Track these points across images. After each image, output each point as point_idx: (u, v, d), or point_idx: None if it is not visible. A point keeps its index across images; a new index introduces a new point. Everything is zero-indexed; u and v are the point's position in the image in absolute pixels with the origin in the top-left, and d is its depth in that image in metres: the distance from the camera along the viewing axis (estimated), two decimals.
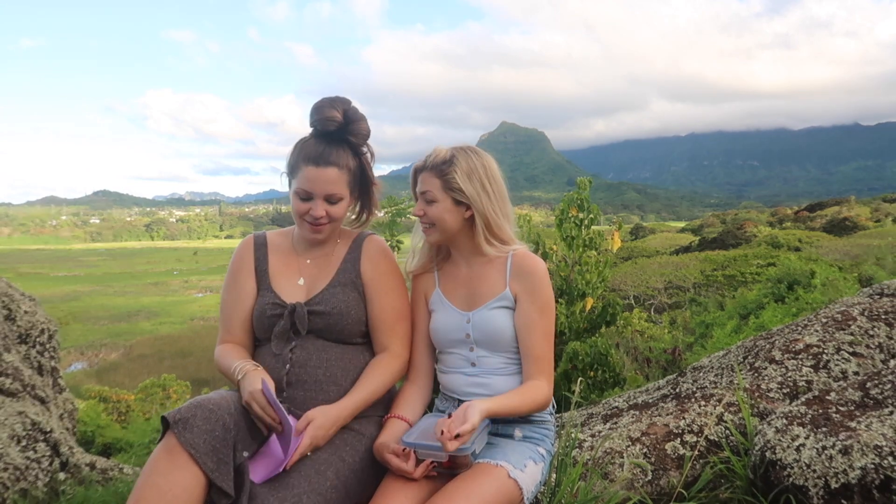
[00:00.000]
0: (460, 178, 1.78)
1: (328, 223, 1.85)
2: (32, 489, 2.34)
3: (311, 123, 1.84)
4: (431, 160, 1.81)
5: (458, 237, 1.88)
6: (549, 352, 1.81)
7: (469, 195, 1.79)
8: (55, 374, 3.47)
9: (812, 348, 2.64)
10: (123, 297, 54.32)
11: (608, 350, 6.24)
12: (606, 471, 2.21)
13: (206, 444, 1.52)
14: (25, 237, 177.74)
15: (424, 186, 1.82)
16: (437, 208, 1.81)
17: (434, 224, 1.83)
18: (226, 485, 1.52)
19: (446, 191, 1.80)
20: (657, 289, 23.64)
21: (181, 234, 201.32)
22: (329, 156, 1.80)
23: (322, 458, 1.66)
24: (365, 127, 1.86)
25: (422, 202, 1.84)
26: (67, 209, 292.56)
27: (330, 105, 1.81)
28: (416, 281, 2.00)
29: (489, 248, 1.85)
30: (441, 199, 1.80)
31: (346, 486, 1.65)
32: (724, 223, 53.62)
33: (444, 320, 1.89)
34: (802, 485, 1.81)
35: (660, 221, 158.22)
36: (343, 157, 1.83)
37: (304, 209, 1.83)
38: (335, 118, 1.80)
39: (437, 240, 1.87)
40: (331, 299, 1.85)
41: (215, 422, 1.55)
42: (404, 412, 1.83)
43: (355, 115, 1.84)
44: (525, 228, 7.49)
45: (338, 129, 1.82)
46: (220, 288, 2.02)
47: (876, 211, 48.03)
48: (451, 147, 1.84)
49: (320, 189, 1.80)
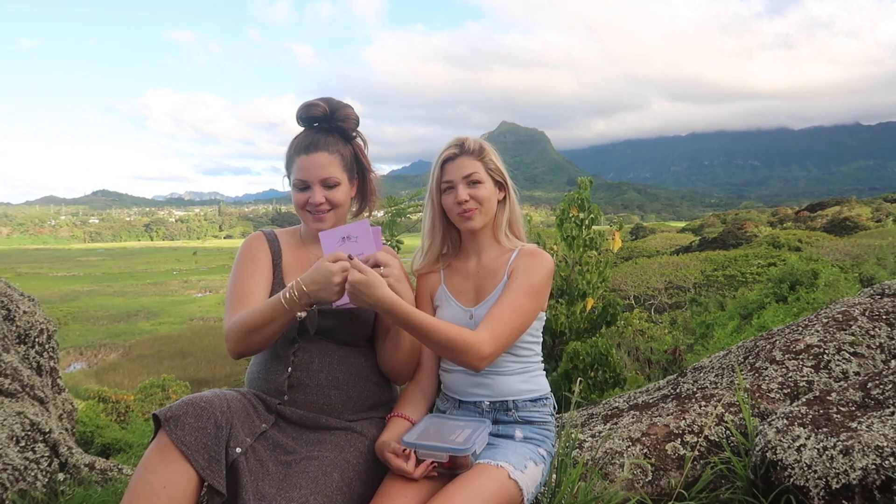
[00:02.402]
0: (496, 160, 1.91)
1: (330, 210, 1.86)
2: (31, 490, 2.34)
3: (297, 118, 1.89)
4: (468, 145, 1.89)
5: (490, 222, 1.93)
6: (507, 319, 1.75)
7: (505, 175, 1.92)
8: (54, 374, 3.46)
9: (813, 348, 2.64)
10: (123, 298, 54.32)
11: (608, 350, 6.23)
12: (607, 471, 2.20)
13: (197, 441, 1.52)
14: (24, 237, 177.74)
15: (469, 169, 1.86)
16: (484, 189, 1.87)
17: (481, 206, 1.87)
18: (217, 483, 1.52)
19: (488, 172, 1.89)
20: (657, 289, 23.63)
21: (180, 234, 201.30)
22: (318, 142, 1.84)
23: (328, 459, 1.66)
24: (352, 112, 1.90)
25: (464, 187, 1.86)
26: (66, 209, 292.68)
27: (311, 101, 1.88)
28: (422, 280, 2.01)
29: (505, 240, 1.93)
30: (486, 179, 1.88)
31: (351, 488, 1.65)
32: (724, 223, 53.62)
33: (447, 316, 1.89)
34: (803, 485, 1.80)
35: (660, 221, 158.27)
36: (333, 143, 1.87)
37: (304, 199, 1.85)
38: (319, 106, 1.86)
39: (482, 223, 1.90)
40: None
41: (206, 419, 1.55)
42: (407, 411, 1.84)
43: (339, 104, 1.89)
44: (525, 228, 7.47)
45: (324, 115, 1.87)
46: (220, 288, 2.00)
47: (877, 211, 48.06)
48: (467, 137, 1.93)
49: (314, 175, 1.83)
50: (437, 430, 1.75)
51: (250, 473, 1.58)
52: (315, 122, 1.89)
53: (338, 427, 1.79)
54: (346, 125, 1.90)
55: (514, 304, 1.78)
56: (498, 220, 1.93)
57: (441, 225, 1.95)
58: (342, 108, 1.88)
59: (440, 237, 1.96)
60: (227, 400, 1.65)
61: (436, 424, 1.79)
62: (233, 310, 1.81)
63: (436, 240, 1.97)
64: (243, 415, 1.67)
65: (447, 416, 1.87)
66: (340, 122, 1.89)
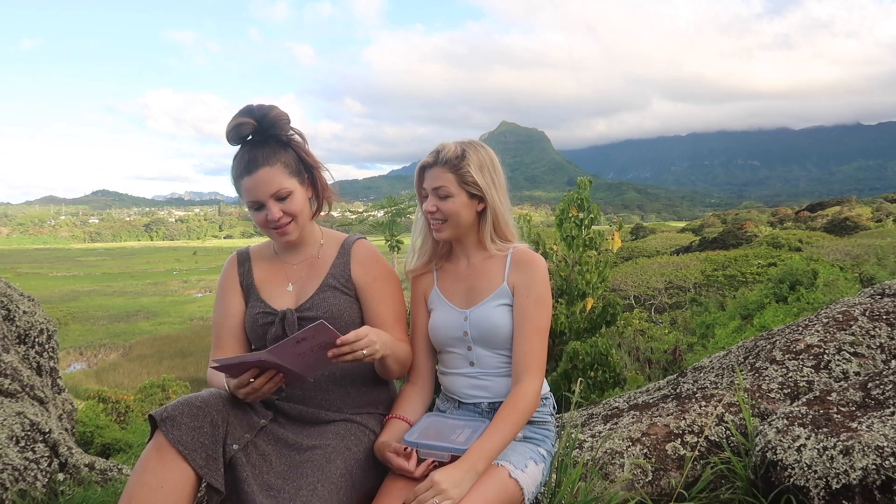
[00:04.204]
0: (474, 171, 1.80)
1: (290, 222, 1.82)
2: (31, 490, 2.34)
3: (228, 139, 1.80)
4: (444, 155, 1.80)
5: (467, 232, 1.88)
6: (538, 346, 1.78)
7: (483, 188, 1.81)
8: (54, 374, 3.46)
9: (813, 349, 2.64)
10: (122, 298, 54.30)
11: (608, 350, 6.24)
12: (607, 471, 2.20)
13: (194, 440, 1.53)
14: (24, 237, 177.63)
15: (438, 182, 1.80)
16: (452, 203, 1.80)
17: (447, 220, 1.83)
18: (216, 481, 1.53)
19: (461, 185, 1.80)
20: (657, 289, 23.63)
21: (180, 234, 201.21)
22: (256, 159, 1.76)
23: (330, 447, 1.68)
24: (279, 112, 1.80)
25: (434, 198, 1.82)
26: (66, 209, 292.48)
27: (236, 117, 1.78)
28: (416, 282, 2.00)
29: (492, 246, 1.86)
30: (456, 193, 1.80)
31: (353, 474, 1.66)
32: (724, 223, 53.60)
33: (442, 319, 1.89)
34: (803, 485, 1.80)
35: (660, 221, 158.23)
36: (270, 154, 1.78)
37: (262, 218, 1.80)
38: (246, 123, 1.77)
39: (449, 236, 1.86)
40: (321, 304, 1.85)
41: (203, 418, 1.56)
42: (405, 412, 1.84)
43: (263, 109, 1.79)
44: (525, 228, 7.49)
45: (253, 130, 1.79)
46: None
47: (877, 211, 48.05)
48: (457, 142, 1.84)
49: (263, 193, 1.76)
50: (438, 429, 1.75)
51: (252, 467, 1.59)
52: (247, 138, 1.81)
53: (338, 419, 1.80)
54: (278, 131, 1.80)
55: (535, 325, 1.78)
56: (482, 231, 1.87)
57: (427, 227, 1.93)
58: (268, 113, 1.78)
59: (430, 240, 1.95)
60: (223, 398, 1.65)
61: (436, 424, 1.79)
62: (213, 348, 1.95)
63: (426, 242, 1.96)
64: (240, 412, 1.68)
65: (447, 416, 1.88)
66: (272, 129, 1.79)
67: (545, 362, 1.80)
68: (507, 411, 1.70)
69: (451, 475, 1.53)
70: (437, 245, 1.97)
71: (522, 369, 1.76)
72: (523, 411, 1.71)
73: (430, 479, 1.52)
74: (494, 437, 1.64)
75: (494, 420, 1.69)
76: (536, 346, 1.77)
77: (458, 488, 1.52)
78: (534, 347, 1.77)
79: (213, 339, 1.96)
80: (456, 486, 1.52)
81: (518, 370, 1.77)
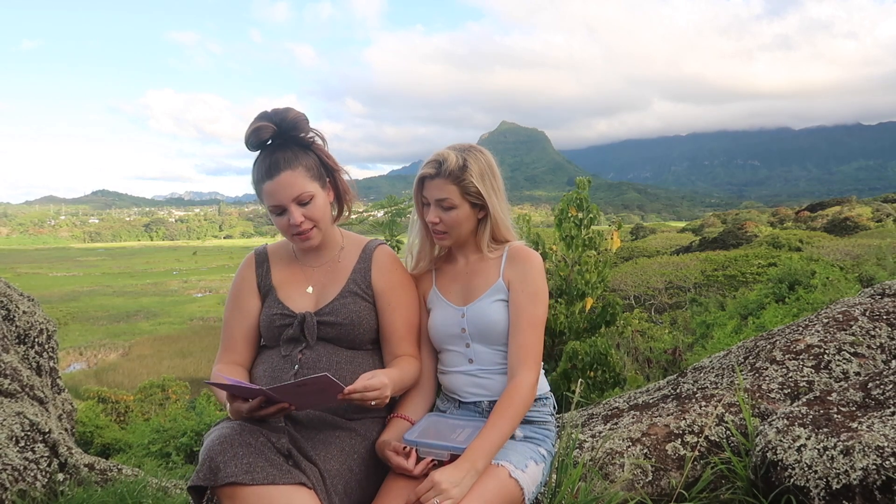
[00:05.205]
0: (476, 181, 1.81)
1: (312, 227, 1.80)
2: (31, 490, 2.34)
3: (248, 144, 1.78)
4: (446, 167, 1.80)
5: (467, 238, 1.90)
6: (533, 340, 1.78)
7: (485, 197, 1.83)
8: (54, 374, 3.46)
9: (813, 349, 2.63)
10: (122, 298, 54.28)
11: (608, 350, 6.24)
12: (607, 471, 2.20)
13: (252, 463, 1.48)
14: (24, 237, 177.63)
15: (441, 193, 1.81)
16: (456, 214, 1.82)
17: (449, 231, 1.84)
18: (304, 480, 1.53)
19: (464, 196, 1.82)
20: (657, 289, 23.62)
21: (180, 233, 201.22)
22: (278, 163, 1.74)
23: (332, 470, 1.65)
24: (298, 115, 1.78)
25: (437, 209, 1.83)
26: (66, 209, 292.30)
27: (254, 121, 1.76)
28: (415, 282, 2.01)
29: (487, 251, 1.88)
30: (459, 204, 1.82)
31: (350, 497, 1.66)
32: (724, 223, 53.59)
33: (440, 317, 1.90)
34: (804, 485, 1.80)
35: (660, 221, 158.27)
36: (292, 157, 1.76)
37: (284, 223, 1.79)
38: (266, 127, 1.75)
39: (451, 244, 1.90)
40: (342, 310, 1.84)
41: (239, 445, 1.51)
42: (408, 412, 1.85)
43: (284, 114, 1.77)
44: (525, 228, 7.50)
45: (273, 134, 1.76)
46: (221, 288, 2.01)
47: (877, 211, 48.01)
48: (455, 150, 1.83)
49: (285, 197, 1.75)
50: (438, 428, 1.76)
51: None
52: (267, 142, 1.79)
53: (342, 427, 1.77)
54: (298, 132, 1.79)
55: (530, 320, 1.79)
56: (479, 236, 1.89)
57: (425, 232, 1.95)
58: (286, 116, 1.76)
59: (428, 243, 1.96)
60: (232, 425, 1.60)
61: (436, 423, 1.80)
62: (221, 352, 1.92)
63: (425, 245, 1.97)
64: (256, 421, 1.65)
65: (447, 415, 1.88)
66: (292, 131, 1.78)
67: (541, 356, 1.81)
68: (503, 406, 1.70)
69: (452, 475, 1.54)
70: (433, 248, 1.98)
71: (517, 363, 1.77)
72: (520, 405, 1.71)
73: (431, 479, 1.52)
74: (493, 434, 1.65)
75: (491, 417, 1.69)
76: (531, 339, 1.78)
77: (458, 488, 1.52)
78: (529, 341, 1.78)
79: (222, 337, 1.93)
80: (456, 486, 1.52)
81: (513, 364, 1.77)
